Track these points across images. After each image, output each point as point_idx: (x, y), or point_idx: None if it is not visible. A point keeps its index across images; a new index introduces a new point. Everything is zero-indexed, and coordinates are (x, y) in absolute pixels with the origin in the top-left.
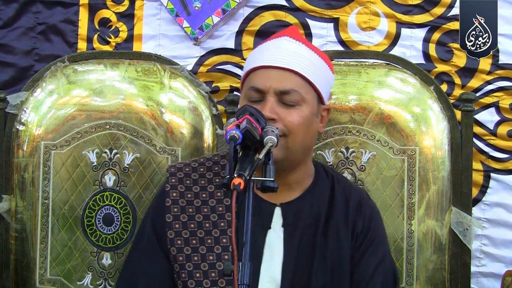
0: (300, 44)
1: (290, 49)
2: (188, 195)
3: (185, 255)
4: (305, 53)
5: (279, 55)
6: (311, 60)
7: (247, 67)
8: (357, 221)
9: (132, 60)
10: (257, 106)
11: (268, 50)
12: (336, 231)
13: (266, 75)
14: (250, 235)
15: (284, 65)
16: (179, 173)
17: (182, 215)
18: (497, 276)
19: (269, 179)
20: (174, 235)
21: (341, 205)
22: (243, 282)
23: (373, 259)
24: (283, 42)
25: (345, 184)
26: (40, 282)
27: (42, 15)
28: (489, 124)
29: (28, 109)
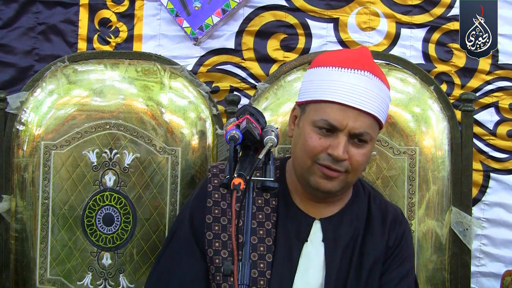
0: (377, 81)
1: (369, 89)
2: (229, 198)
3: (222, 258)
4: (380, 92)
5: (360, 95)
6: (384, 98)
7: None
8: (391, 235)
9: (132, 60)
10: (326, 139)
11: (346, 84)
12: (373, 244)
13: (343, 113)
14: (250, 235)
15: (363, 107)
16: (221, 175)
17: (222, 217)
18: (497, 276)
19: (269, 179)
20: (212, 236)
21: (378, 221)
22: (243, 282)
23: (396, 273)
24: (363, 79)
25: (381, 200)
26: (40, 282)
27: (42, 15)
28: (489, 124)
29: (28, 109)
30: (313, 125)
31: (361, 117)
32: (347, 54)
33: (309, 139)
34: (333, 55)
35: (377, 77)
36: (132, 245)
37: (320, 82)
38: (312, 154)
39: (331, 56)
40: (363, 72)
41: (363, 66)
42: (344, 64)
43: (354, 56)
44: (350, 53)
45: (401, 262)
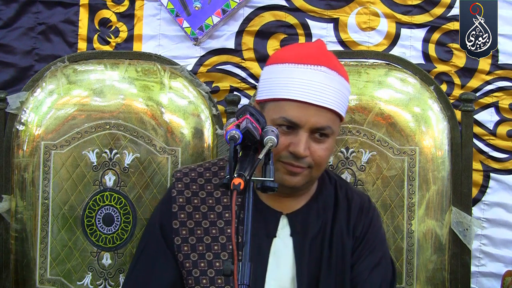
0: (335, 74)
1: (327, 84)
2: (195, 200)
3: (192, 262)
4: (339, 85)
5: (316, 91)
6: (342, 91)
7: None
8: (357, 226)
9: (132, 60)
10: (286, 137)
11: (303, 81)
12: (340, 237)
13: (302, 110)
14: (250, 236)
15: (322, 103)
16: (185, 178)
17: (189, 221)
18: (497, 276)
19: (269, 179)
20: (181, 241)
21: (344, 211)
22: (243, 282)
23: (369, 262)
24: (320, 75)
25: (347, 188)
26: (40, 282)
27: (42, 15)
28: (489, 124)
29: (28, 109)
30: (272, 123)
31: (321, 113)
32: (303, 49)
33: None
34: (289, 50)
35: (334, 71)
36: (132, 245)
37: (277, 80)
38: (274, 153)
39: (287, 52)
40: (320, 67)
41: (319, 61)
42: (300, 60)
43: (310, 51)
44: (306, 47)
45: (371, 251)
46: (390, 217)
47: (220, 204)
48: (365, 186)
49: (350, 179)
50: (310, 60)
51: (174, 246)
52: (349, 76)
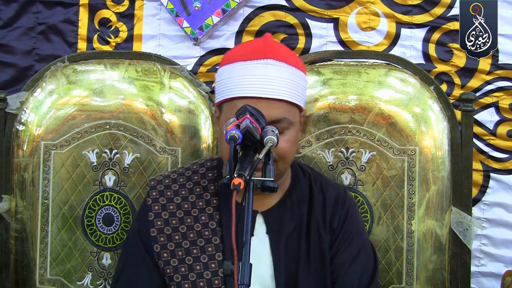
0: (283, 65)
1: (276, 75)
2: (170, 206)
3: (173, 267)
4: (289, 75)
5: (266, 85)
6: (295, 80)
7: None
8: (334, 217)
9: (132, 60)
10: None
11: (252, 77)
12: (317, 231)
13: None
14: (250, 236)
15: (273, 95)
16: (159, 186)
17: (166, 227)
18: (497, 276)
19: (269, 179)
20: (160, 248)
21: (319, 204)
22: (243, 282)
23: (348, 254)
24: (268, 68)
25: (322, 181)
26: (40, 282)
27: (42, 15)
28: (489, 124)
29: (28, 109)
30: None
31: (275, 105)
32: (249, 46)
33: None
34: (236, 49)
35: (282, 61)
36: None
37: (228, 80)
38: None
39: (234, 51)
40: (266, 60)
41: (264, 54)
42: (247, 57)
43: (255, 46)
44: (252, 44)
45: (350, 242)
46: (390, 217)
47: (196, 207)
48: (365, 186)
49: (350, 179)
50: (256, 55)
51: (154, 254)
52: (349, 76)
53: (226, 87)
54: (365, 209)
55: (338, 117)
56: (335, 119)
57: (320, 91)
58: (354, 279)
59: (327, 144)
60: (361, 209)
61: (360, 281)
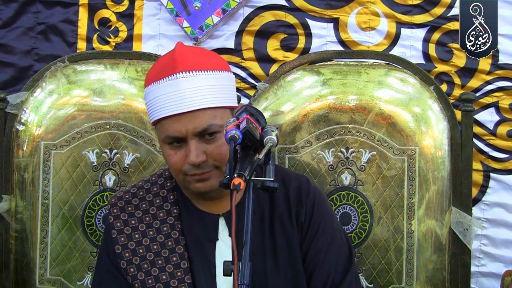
0: (195, 73)
1: (190, 87)
2: (132, 221)
3: (140, 281)
4: (204, 81)
5: (181, 100)
6: (211, 83)
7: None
8: (299, 211)
9: (132, 60)
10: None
11: (167, 96)
12: (282, 227)
13: (178, 122)
14: (250, 236)
15: (193, 107)
16: (120, 202)
17: (130, 242)
18: (497, 276)
19: (269, 179)
20: (126, 264)
21: (282, 198)
22: (243, 282)
23: (321, 243)
24: (179, 82)
25: (283, 174)
26: (40, 282)
27: (42, 15)
28: (489, 124)
29: (28, 109)
30: (164, 143)
31: (197, 115)
32: (161, 63)
33: (168, 157)
34: (152, 68)
35: (192, 70)
36: None
37: (151, 102)
38: (178, 170)
39: (151, 71)
40: (175, 75)
41: (173, 69)
42: (158, 76)
43: (164, 63)
44: (163, 60)
45: (322, 232)
46: (390, 217)
47: (157, 219)
48: (365, 186)
49: (350, 179)
50: (165, 72)
51: (121, 270)
52: (349, 76)
53: (151, 110)
54: (365, 209)
55: (338, 117)
56: (335, 119)
57: (320, 91)
58: (330, 269)
59: (327, 144)
60: (361, 209)
61: (336, 270)
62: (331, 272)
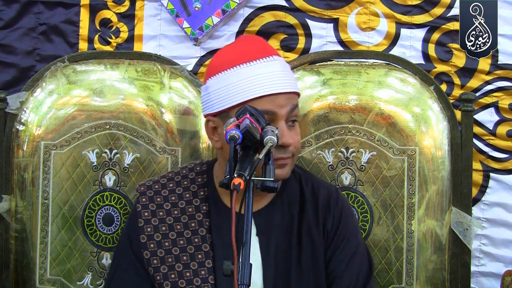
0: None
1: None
2: (160, 213)
3: (162, 274)
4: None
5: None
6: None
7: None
8: (327, 219)
9: (132, 60)
10: None
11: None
12: (309, 233)
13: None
14: (250, 236)
15: (289, 89)
16: (149, 192)
17: (156, 234)
18: (497, 276)
19: (269, 179)
20: (149, 255)
21: (311, 205)
22: (243, 282)
23: (345, 254)
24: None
25: (313, 181)
26: (40, 282)
27: (43, 16)
28: (489, 124)
29: (28, 109)
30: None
31: (289, 98)
32: (244, 49)
33: None
34: (229, 55)
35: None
36: None
37: (235, 85)
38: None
39: (228, 57)
40: (270, 57)
41: (266, 52)
42: (248, 59)
43: (251, 46)
44: (244, 46)
45: (346, 242)
46: (390, 217)
47: (186, 214)
48: (365, 186)
49: (350, 179)
50: (258, 54)
51: (144, 260)
52: (349, 76)
53: (234, 92)
54: (365, 209)
55: (338, 117)
56: (335, 119)
57: (320, 91)
58: (350, 279)
59: (327, 144)
60: (361, 209)
61: (357, 282)
62: (352, 282)
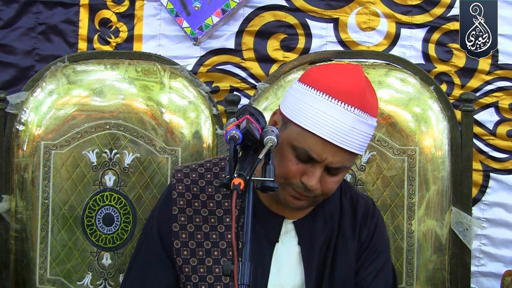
0: (366, 117)
1: (356, 127)
2: (195, 203)
3: (191, 267)
4: (367, 129)
5: (343, 133)
6: (369, 132)
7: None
8: (363, 231)
9: (132, 60)
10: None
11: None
12: (345, 242)
13: (324, 147)
14: (251, 238)
15: (345, 146)
16: (186, 180)
17: (189, 224)
18: (497, 276)
19: (269, 179)
20: (180, 245)
21: (349, 217)
22: (243, 282)
23: (374, 267)
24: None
25: (352, 192)
26: (40, 282)
27: (43, 16)
28: (489, 124)
29: (28, 109)
30: (292, 148)
31: (341, 153)
32: (341, 81)
33: (287, 161)
34: (327, 77)
35: (366, 113)
36: (132, 245)
37: (308, 108)
38: (287, 177)
39: (325, 78)
40: (353, 109)
41: (354, 100)
42: (335, 95)
43: (348, 85)
44: (344, 78)
45: (377, 256)
46: (390, 217)
47: (221, 208)
48: (365, 186)
49: (350, 179)
50: (345, 97)
51: (173, 249)
52: None
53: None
54: None
55: None
56: None
57: None
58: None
59: None
60: None
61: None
62: None
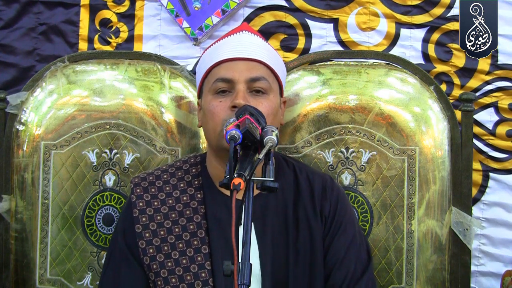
0: (259, 38)
1: (252, 42)
2: (155, 203)
3: (159, 262)
4: (266, 46)
5: (243, 47)
6: (271, 52)
7: (206, 64)
8: (324, 205)
9: (132, 60)
10: (226, 98)
11: (229, 44)
12: (306, 219)
13: (234, 66)
14: (250, 236)
15: (251, 56)
16: (143, 183)
17: (151, 223)
18: (496, 276)
19: (269, 179)
20: (145, 244)
21: (307, 192)
22: (243, 282)
23: (343, 240)
24: (243, 36)
25: (307, 170)
26: (40, 282)
27: (43, 16)
28: (488, 124)
29: (28, 109)
30: (211, 94)
31: (254, 66)
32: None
33: (212, 107)
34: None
35: (256, 35)
36: None
37: (206, 58)
38: (220, 118)
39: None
40: (241, 32)
41: (241, 29)
42: (223, 36)
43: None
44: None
45: (344, 229)
46: (390, 217)
47: (180, 202)
48: (365, 186)
49: (350, 179)
50: (231, 32)
51: (139, 250)
52: (349, 76)
53: (203, 66)
54: (365, 209)
55: (338, 117)
56: (335, 119)
57: (320, 91)
58: (349, 265)
59: (327, 144)
60: (361, 209)
61: (355, 269)
62: (351, 268)
